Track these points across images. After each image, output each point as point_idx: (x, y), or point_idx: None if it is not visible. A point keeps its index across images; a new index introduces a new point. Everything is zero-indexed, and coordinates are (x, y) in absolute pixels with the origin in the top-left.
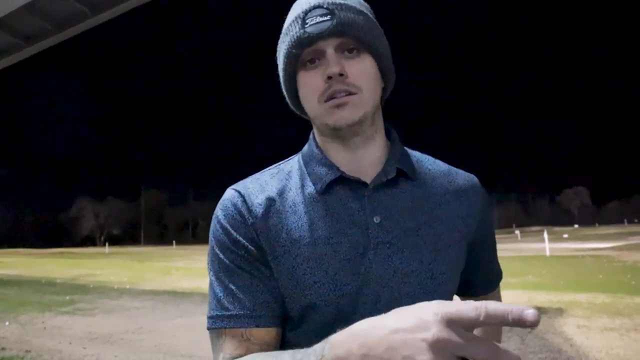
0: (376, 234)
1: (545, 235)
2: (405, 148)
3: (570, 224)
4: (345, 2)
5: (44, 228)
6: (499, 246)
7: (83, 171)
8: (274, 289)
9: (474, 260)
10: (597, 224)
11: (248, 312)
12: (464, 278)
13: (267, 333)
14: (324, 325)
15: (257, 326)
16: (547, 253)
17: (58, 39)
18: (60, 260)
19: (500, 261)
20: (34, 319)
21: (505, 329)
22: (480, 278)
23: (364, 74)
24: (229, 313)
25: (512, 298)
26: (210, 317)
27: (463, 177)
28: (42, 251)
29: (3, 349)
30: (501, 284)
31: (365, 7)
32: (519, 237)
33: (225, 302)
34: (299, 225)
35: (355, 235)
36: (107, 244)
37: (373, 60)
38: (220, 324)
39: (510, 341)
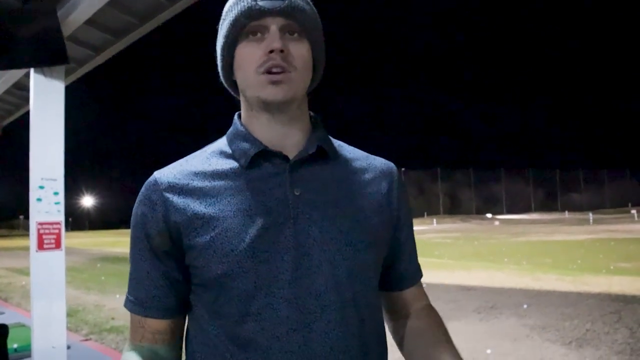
0: (296, 205)
1: None
2: (329, 136)
3: None
4: None
5: None
6: (612, 227)
7: None
8: (171, 283)
9: (397, 246)
10: None
11: (139, 302)
12: (391, 268)
13: (158, 323)
14: (244, 293)
15: (146, 316)
16: None
17: None
18: None
19: (611, 243)
20: None
21: (612, 319)
22: (405, 267)
23: (301, 56)
24: (128, 298)
25: (629, 284)
26: (126, 296)
27: (381, 162)
28: None
29: (113, 318)
30: (612, 268)
31: (310, 3)
32: (636, 217)
33: (129, 287)
34: (219, 200)
35: (276, 207)
36: None
37: (310, 47)
38: (128, 305)
39: (617, 333)
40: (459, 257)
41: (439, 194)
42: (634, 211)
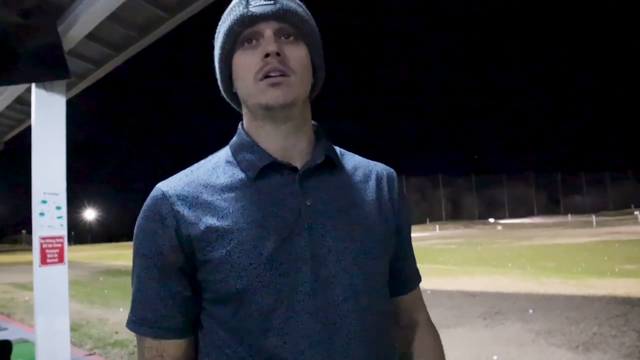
0: (309, 215)
1: None
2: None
3: None
4: None
5: None
6: (615, 229)
7: None
8: (182, 301)
9: (397, 251)
10: None
11: (147, 322)
12: (390, 273)
13: (177, 346)
14: (264, 308)
15: (155, 337)
16: None
17: None
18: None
19: (615, 245)
20: None
21: (619, 322)
22: (404, 272)
23: (298, 58)
24: (135, 318)
25: (635, 286)
26: (129, 316)
27: (382, 167)
28: None
29: (117, 332)
30: (617, 270)
31: (303, 5)
32: (639, 219)
33: (134, 307)
34: (231, 212)
35: (289, 217)
36: None
37: (307, 51)
38: (131, 325)
39: (624, 336)
40: (463, 262)
41: (441, 200)
42: (637, 212)
